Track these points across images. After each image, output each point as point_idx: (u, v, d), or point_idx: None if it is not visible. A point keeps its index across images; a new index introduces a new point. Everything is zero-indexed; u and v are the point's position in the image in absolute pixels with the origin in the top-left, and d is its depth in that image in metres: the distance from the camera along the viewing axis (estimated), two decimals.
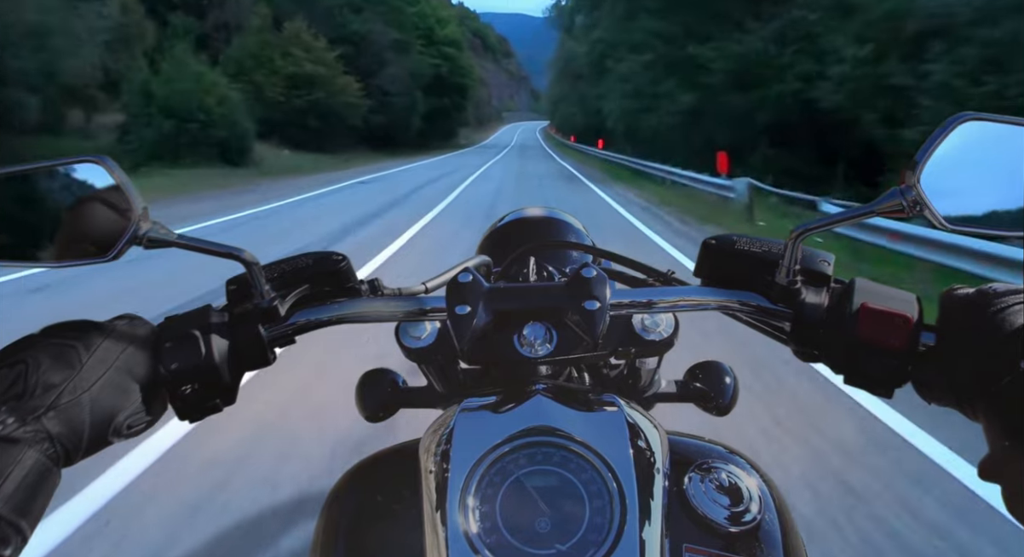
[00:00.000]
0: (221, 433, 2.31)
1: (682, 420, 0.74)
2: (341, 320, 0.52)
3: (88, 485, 1.97)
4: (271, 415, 2.47)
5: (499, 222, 0.99)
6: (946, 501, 1.95)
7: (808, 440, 2.32)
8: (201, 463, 2.14)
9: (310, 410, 2.53)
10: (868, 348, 0.44)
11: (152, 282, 4.60)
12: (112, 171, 0.45)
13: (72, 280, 4.57)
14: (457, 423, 0.45)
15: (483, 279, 0.52)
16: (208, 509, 1.88)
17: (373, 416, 0.76)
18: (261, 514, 1.85)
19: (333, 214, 9.09)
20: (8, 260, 0.47)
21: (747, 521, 0.46)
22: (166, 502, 1.93)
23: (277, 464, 2.13)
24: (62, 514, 1.83)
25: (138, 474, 2.07)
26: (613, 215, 9.28)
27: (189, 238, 0.46)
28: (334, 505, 0.55)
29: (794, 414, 2.53)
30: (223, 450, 2.22)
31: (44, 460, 0.37)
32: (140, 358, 0.44)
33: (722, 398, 0.75)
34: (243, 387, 0.49)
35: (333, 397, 2.55)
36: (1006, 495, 0.36)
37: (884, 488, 2.02)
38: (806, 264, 0.49)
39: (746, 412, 2.45)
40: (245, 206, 9.91)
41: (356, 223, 8.18)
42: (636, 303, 0.54)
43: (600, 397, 0.49)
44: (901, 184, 0.44)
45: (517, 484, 0.41)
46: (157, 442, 2.25)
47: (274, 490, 1.97)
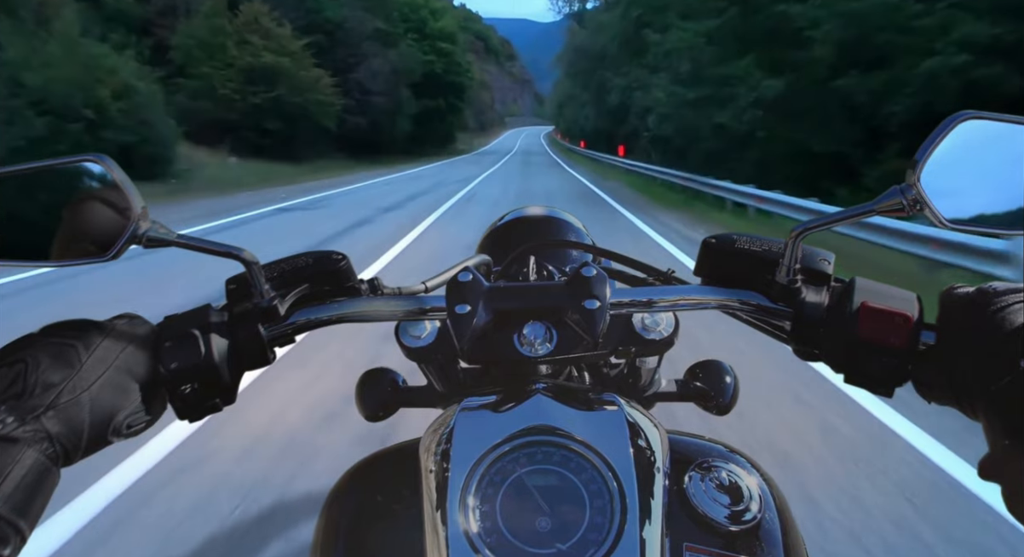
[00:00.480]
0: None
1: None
2: (341, 319, 0.52)
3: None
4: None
5: (499, 221, 1.00)
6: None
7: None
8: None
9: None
10: (868, 347, 0.44)
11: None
12: (112, 170, 0.45)
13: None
14: (457, 422, 0.46)
15: (483, 278, 0.53)
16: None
17: (373, 416, 0.76)
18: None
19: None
20: (8, 259, 0.47)
21: (747, 520, 0.46)
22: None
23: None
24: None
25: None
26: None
27: (189, 237, 0.46)
28: (334, 504, 0.55)
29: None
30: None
31: (43, 460, 0.37)
32: (140, 357, 0.44)
33: (722, 397, 0.75)
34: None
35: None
36: (1006, 495, 0.36)
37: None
38: (806, 263, 0.50)
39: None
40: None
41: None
42: (636, 302, 0.54)
43: (600, 396, 0.49)
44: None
45: (517, 483, 0.42)
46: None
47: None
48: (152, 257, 5.29)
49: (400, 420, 0.79)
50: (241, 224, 8.88)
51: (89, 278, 4.86)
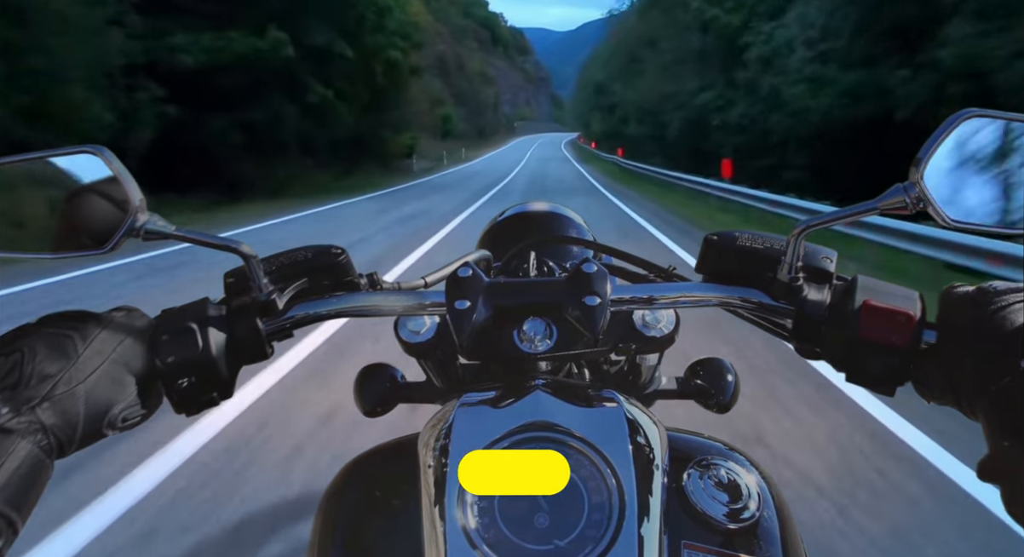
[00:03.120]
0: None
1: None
2: (339, 314, 0.52)
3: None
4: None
5: (500, 216, 0.99)
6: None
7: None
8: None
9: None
10: (870, 346, 0.44)
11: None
12: (110, 162, 0.45)
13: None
14: (456, 417, 0.45)
15: (483, 274, 0.52)
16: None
17: (371, 411, 0.76)
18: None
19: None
20: (5, 251, 0.46)
21: (746, 518, 0.46)
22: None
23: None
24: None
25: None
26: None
27: (187, 231, 0.46)
28: (332, 499, 0.54)
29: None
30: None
31: (37, 451, 0.37)
32: (137, 350, 0.43)
33: (723, 395, 0.75)
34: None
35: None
36: (1005, 496, 0.36)
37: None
38: (808, 261, 0.49)
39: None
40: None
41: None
42: (637, 299, 0.53)
43: (600, 393, 0.49)
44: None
45: None
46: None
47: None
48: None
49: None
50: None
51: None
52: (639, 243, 7.08)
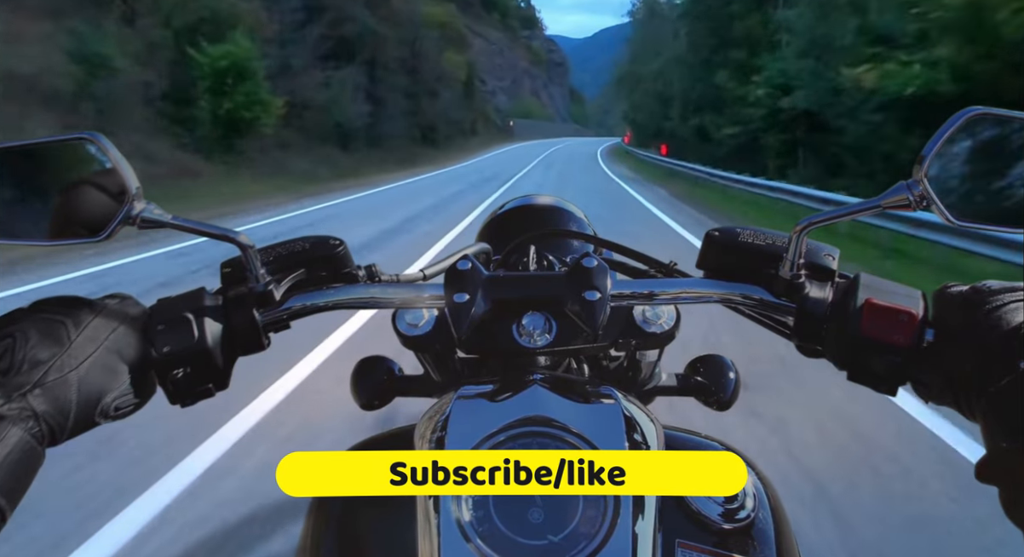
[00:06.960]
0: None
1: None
2: (337, 306, 0.52)
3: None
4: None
5: (500, 209, 0.98)
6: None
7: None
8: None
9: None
10: (871, 344, 0.43)
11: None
12: (107, 150, 0.44)
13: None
14: (453, 410, 0.45)
15: (482, 267, 0.52)
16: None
17: (368, 404, 0.75)
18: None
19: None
20: (0, 238, 0.46)
21: (741, 518, 0.46)
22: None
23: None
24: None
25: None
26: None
27: (183, 220, 0.46)
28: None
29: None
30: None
31: (28, 439, 0.36)
32: (131, 339, 0.43)
33: (723, 392, 0.74)
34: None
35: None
36: (1004, 498, 0.35)
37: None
38: (810, 258, 0.49)
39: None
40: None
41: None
42: (637, 294, 0.53)
43: (598, 389, 0.49)
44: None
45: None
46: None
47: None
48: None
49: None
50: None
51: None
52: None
